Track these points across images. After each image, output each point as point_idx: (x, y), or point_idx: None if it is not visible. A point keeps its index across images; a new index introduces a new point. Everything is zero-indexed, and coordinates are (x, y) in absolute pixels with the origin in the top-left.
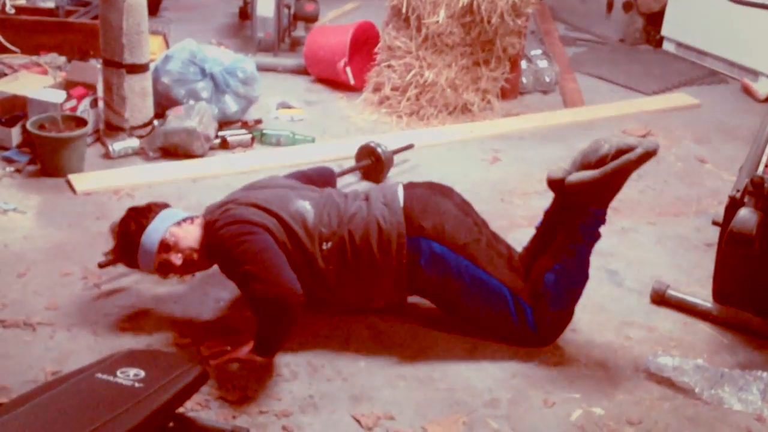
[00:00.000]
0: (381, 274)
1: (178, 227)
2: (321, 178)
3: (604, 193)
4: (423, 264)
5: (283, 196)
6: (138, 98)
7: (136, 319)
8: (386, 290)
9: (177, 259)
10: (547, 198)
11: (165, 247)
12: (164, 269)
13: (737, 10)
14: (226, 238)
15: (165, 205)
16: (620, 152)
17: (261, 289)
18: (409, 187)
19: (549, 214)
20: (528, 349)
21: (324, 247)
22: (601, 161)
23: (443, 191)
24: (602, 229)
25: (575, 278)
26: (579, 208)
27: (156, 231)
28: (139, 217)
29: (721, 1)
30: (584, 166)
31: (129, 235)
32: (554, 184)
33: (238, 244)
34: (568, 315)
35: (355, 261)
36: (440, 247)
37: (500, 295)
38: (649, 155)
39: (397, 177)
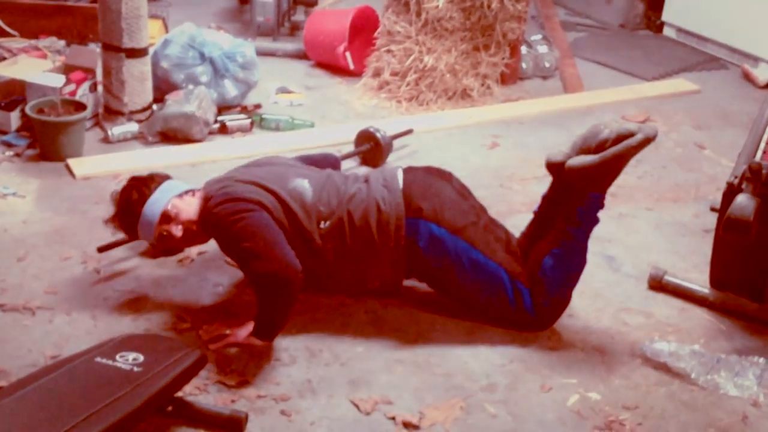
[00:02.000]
0: (379, 255)
1: (180, 199)
2: (326, 163)
3: (603, 177)
4: (421, 246)
5: (282, 173)
6: (137, 82)
7: (135, 304)
8: (383, 272)
9: (177, 230)
10: (547, 183)
11: (166, 218)
12: (164, 240)
13: None
14: (222, 216)
15: (167, 177)
16: (620, 138)
17: (260, 265)
18: (409, 170)
19: (547, 198)
20: (525, 334)
21: (322, 226)
22: (601, 146)
23: (442, 175)
24: (600, 215)
25: (573, 263)
26: (578, 193)
27: (158, 201)
28: (141, 187)
29: None
30: (583, 150)
31: (131, 204)
32: (553, 167)
33: (234, 221)
34: (565, 299)
35: (353, 242)
36: (438, 228)
37: (498, 278)
38: (648, 141)
39: (397, 162)
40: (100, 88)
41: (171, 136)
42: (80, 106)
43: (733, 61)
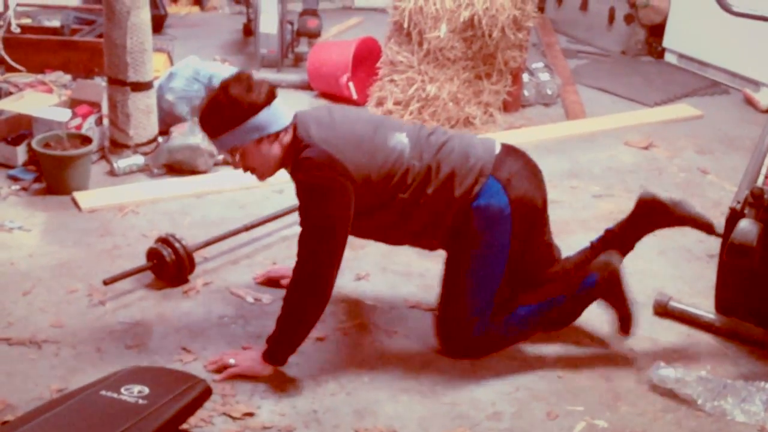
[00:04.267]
0: (451, 208)
1: (262, 145)
2: None
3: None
4: (480, 204)
5: (381, 127)
6: (142, 115)
7: (141, 336)
8: (441, 233)
9: (242, 165)
10: (551, 211)
11: (238, 151)
12: (230, 161)
13: (738, 22)
14: (316, 185)
15: (273, 95)
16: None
17: (317, 259)
18: (507, 146)
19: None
20: (530, 360)
21: (409, 181)
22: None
23: (537, 172)
24: None
25: (534, 323)
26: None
27: (248, 132)
28: (254, 102)
29: (722, 12)
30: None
31: (236, 110)
32: (651, 203)
33: (322, 199)
34: (504, 343)
35: (433, 192)
36: (505, 199)
37: (498, 279)
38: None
39: None
40: (105, 121)
41: (176, 168)
42: (86, 140)
43: (734, 86)
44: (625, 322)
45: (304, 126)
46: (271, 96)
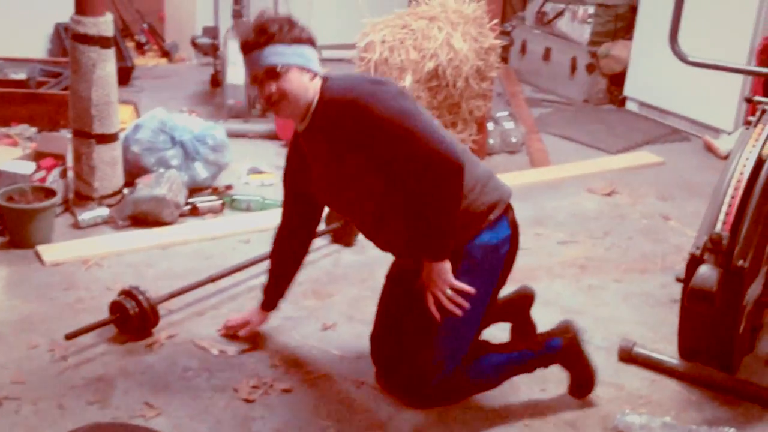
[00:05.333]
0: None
1: (303, 76)
2: None
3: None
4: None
5: None
6: (107, 167)
7: (103, 391)
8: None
9: (274, 89)
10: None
11: (273, 74)
12: (256, 82)
13: (696, 70)
14: (375, 100)
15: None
16: None
17: (433, 147)
18: None
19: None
20: (497, 409)
21: None
22: None
23: None
24: (570, 287)
25: (505, 373)
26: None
27: (301, 55)
28: (297, 25)
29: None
30: None
31: (302, 31)
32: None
33: (388, 98)
34: (462, 393)
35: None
36: (508, 233)
37: (476, 323)
38: None
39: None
40: (70, 173)
41: (142, 219)
42: (50, 193)
43: (694, 133)
44: (583, 388)
45: (333, 81)
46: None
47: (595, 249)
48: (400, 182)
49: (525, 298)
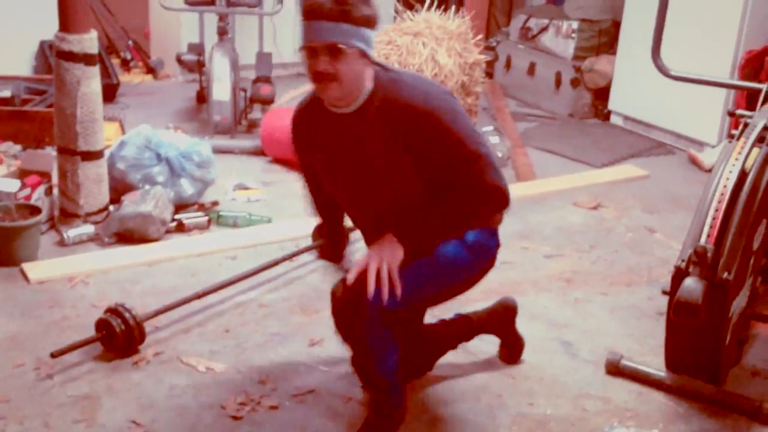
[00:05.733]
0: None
1: (361, 59)
2: None
3: None
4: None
5: None
6: (93, 185)
7: (90, 409)
8: None
9: (329, 67)
10: (501, 270)
11: (343, 50)
12: (309, 56)
13: (680, 84)
14: (448, 108)
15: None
16: None
17: (495, 178)
18: None
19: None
20: (485, 425)
21: None
22: None
23: None
24: (557, 300)
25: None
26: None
27: (364, 39)
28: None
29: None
30: None
31: (372, 11)
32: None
33: (462, 117)
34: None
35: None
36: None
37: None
38: None
39: (355, 254)
40: (55, 191)
41: (127, 236)
42: (35, 210)
43: (679, 147)
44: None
45: (402, 78)
46: None
47: (581, 262)
48: (442, 193)
49: (507, 310)
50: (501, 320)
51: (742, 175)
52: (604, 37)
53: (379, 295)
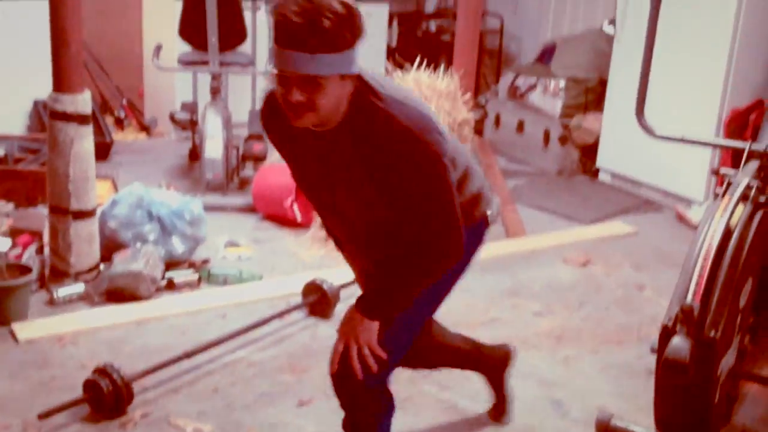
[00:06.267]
0: None
1: (343, 82)
2: None
3: None
4: None
5: None
6: (84, 243)
7: None
8: None
9: (304, 99)
10: (492, 328)
11: (320, 81)
12: (283, 85)
13: (666, 142)
14: (431, 148)
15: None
16: None
17: (454, 237)
18: None
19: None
20: None
21: None
22: None
23: None
24: (547, 359)
25: None
26: None
27: (345, 62)
28: (355, 17)
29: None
30: None
31: (353, 29)
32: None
33: (436, 162)
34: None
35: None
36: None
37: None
38: None
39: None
40: (46, 250)
41: (118, 294)
42: (25, 270)
43: (667, 203)
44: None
45: (369, 77)
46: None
47: (571, 320)
48: (405, 226)
49: (504, 355)
50: (495, 363)
51: (727, 232)
52: (591, 95)
53: (363, 369)
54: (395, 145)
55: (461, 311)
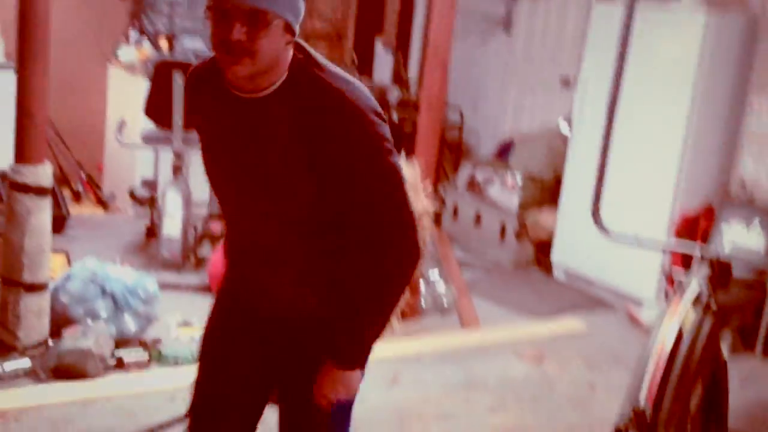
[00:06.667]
0: None
1: (285, 34)
2: None
3: None
4: None
5: None
6: (34, 317)
7: None
8: None
9: (244, 38)
10: (446, 423)
11: (267, 20)
12: (225, 23)
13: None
14: (375, 131)
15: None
16: None
17: (406, 232)
18: None
19: None
20: None
21: None
22: None
23: None
24: None
25: None
26: None
27: (294, 7)
28: None
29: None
30: None
31: None
32: None
33: (388, 152)
34: None
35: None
36: None
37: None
38: None
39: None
40: None
41: (65, 371)
42: None
43: (618, 303)
44: None
45: (311, 50)
46: None
47: (523, 417)
48: (347, 227)
49: None
50: None
51: (679, 336)
52: (547, 192)
53: None
54: (344, 123)
55: (415, 403)
